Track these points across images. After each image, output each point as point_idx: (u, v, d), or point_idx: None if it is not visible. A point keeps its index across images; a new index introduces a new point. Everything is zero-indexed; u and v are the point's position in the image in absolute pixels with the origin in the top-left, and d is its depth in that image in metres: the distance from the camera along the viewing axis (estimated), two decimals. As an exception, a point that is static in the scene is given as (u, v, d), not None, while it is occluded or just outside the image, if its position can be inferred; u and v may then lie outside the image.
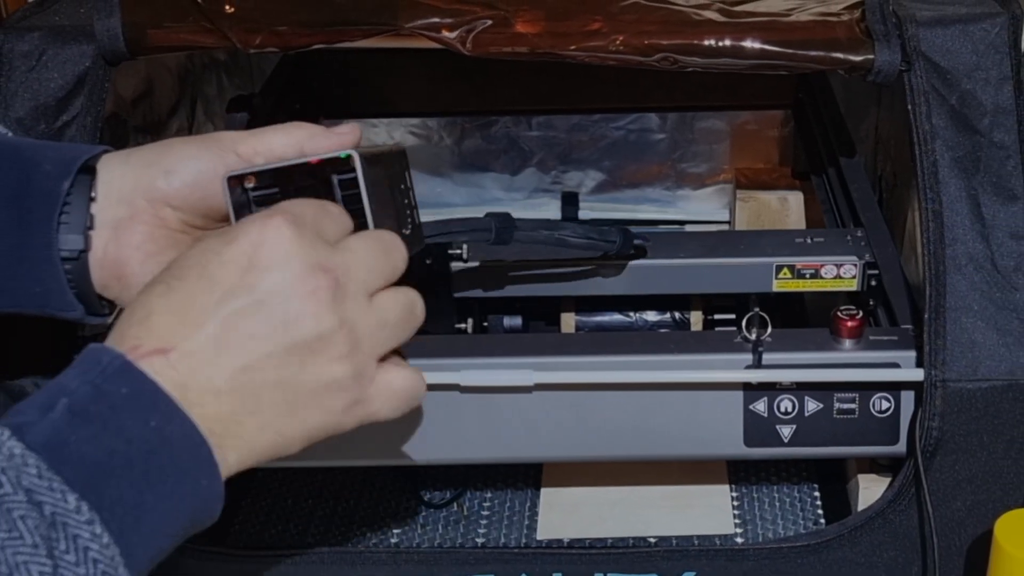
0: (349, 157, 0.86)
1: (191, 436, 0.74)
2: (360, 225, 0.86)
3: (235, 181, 0.87)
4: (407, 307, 0.84)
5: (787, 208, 1.71)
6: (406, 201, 0.96)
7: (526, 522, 1.35)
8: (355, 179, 0.86)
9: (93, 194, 0.88)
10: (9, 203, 0.87)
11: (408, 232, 0.94)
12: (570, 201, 1.86)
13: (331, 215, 0.82)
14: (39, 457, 0.68)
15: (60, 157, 0.89)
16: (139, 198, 0.88)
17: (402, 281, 0.85)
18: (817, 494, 1.36)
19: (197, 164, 0.89)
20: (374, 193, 0.88)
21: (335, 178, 0.87)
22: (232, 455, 0.77)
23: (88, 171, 0.89)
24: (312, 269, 0.76)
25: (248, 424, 0.77)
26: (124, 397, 0.72)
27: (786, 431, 1.18)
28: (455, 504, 1.39)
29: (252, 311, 0.75)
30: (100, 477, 0.70)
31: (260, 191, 0.87)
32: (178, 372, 0.73)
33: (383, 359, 0.83)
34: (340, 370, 0.79)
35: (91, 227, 0.88)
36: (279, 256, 0.76)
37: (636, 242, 1.27)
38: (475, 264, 1.29)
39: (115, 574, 0.70)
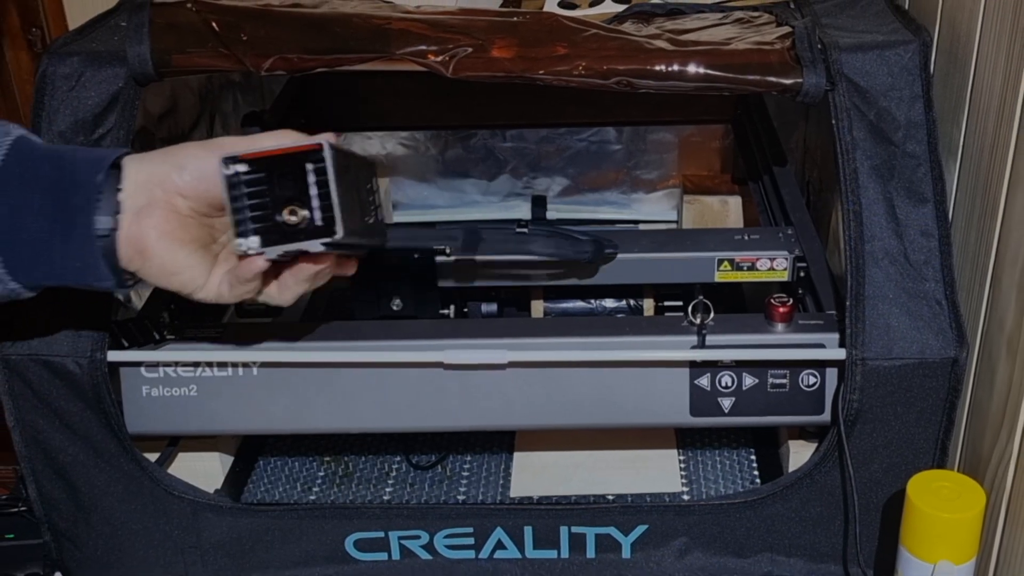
0: (320, 146, 0.93)
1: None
2: (326, 206, 0.93)
3: (229, 162, 0.93)
4: None
5: (727, 210, 1.71)
6: (371, 199, 1.01)
7: (501, 482, 1.35)
8: (324, 167, 0.93)
9: (120, 185, 0.94)
10: (53, 194, 0.93)
11: (371, 221, 0.99)
12: (539, 203, 1.85)
13: None
14: None
15: (92, 157, 0.95)
16: (156, 188, 0.94)
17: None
18: (753, 457, 1.36)
19: (202, 163, 0.95)
20: (341, 181, 0.94)
21: (309, 166, 0.93)
22: None
23: (115, 167, 0.95)
24: None
25: None
26: None
27: (726, 403, 1.18)
28: (439, 466, 1.38)
29: None
30: None
31: (249, 175, 0.93)
32: None
33: None
34: None
35: (118, 212, 0.94)
36: None
37: (607, 251, 1.27)
38: (456, 259, 1.29)
39: None
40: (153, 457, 1.25)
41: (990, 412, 1.13)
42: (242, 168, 0.93)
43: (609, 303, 1.40)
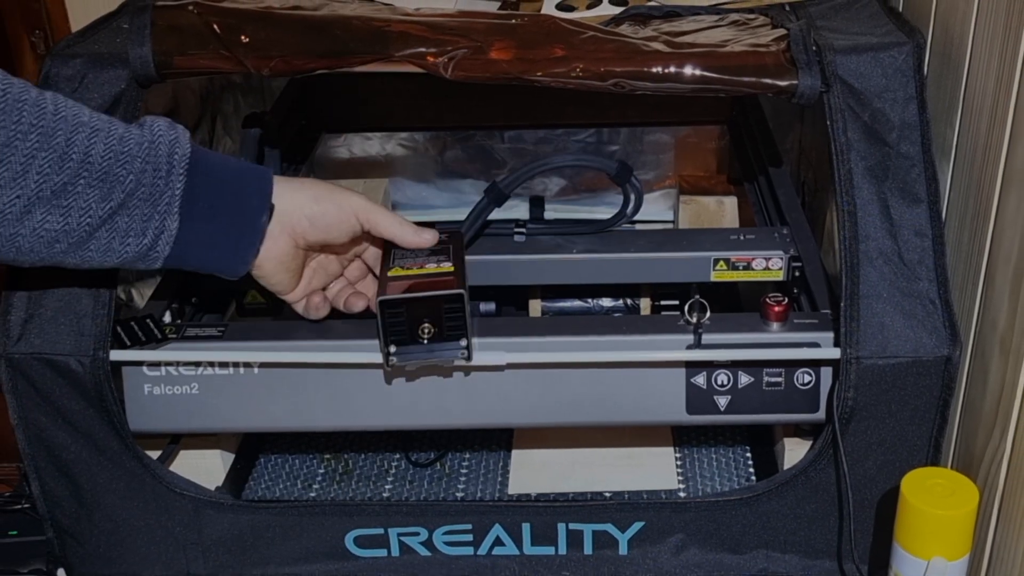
0: (461, 295, 1.10)
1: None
2: (459, 335, 1.12)
3: (384, 304, 1.10)
4: None
5: (723, 210, 1.70)
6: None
7: (499, 479, 1.35)
8: (462, 309, 1.10)
9: (271, 217, 1.11)
10: (226, 219, 1.07)
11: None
12: (536, 204, 1.84)
13: None
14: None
15: (255, 185, 1.10)
16: (287, 225, 1.11)
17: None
18: (749, 455, 1.36)
19: (328, 218, 1.13)
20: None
21: (447, 306, 1.10)
22: None
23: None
24: None
25: None
26: None
27: (722, 401, 1.18)
28: (438, 463, 1.38)
29: None
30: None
31: (401, 308, 1.10)
32: None
33: None
34: None
35: (264, 237, 1.11)
36: None
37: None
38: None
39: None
40: (155, 455, 1.25)
41: (983, 410, 1.13)
42: (396, 300, 1.10)
43: (606, 302, 1.39)
